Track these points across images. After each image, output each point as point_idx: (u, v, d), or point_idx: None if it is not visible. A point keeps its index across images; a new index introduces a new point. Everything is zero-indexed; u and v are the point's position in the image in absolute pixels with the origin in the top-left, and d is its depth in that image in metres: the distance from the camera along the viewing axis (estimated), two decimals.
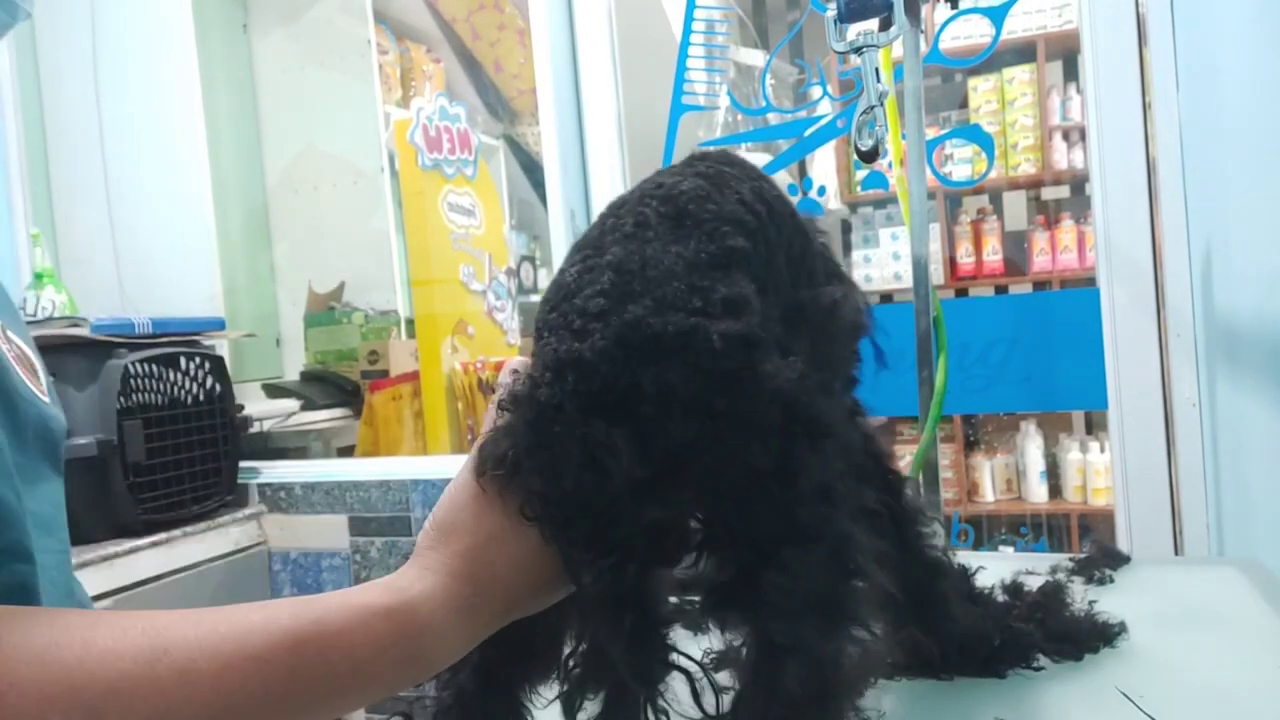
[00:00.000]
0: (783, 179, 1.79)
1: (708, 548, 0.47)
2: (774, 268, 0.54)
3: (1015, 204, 2.98)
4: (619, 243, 0.49)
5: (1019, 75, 2.70)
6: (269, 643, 0.40)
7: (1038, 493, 2.75)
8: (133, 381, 1.69)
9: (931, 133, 1.82)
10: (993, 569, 0.85)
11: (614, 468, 0.43)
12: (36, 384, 0.63)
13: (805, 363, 0.47)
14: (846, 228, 3.00)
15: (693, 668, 0.47)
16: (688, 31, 1.72)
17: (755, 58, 2.29)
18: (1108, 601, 0.79)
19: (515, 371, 0.53)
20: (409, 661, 0.44)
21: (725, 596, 0.45)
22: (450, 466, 1.87)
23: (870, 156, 0.92)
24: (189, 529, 1.78)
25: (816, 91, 1.77)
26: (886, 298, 2.85)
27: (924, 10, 1.04)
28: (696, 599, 0.48)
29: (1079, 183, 2.79)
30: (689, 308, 0.45)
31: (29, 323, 1.81)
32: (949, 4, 1.10)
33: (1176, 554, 1.42)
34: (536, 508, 0.45)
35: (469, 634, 0.46)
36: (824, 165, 2.76)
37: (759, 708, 0.44)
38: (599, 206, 1.78)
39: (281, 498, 1.98)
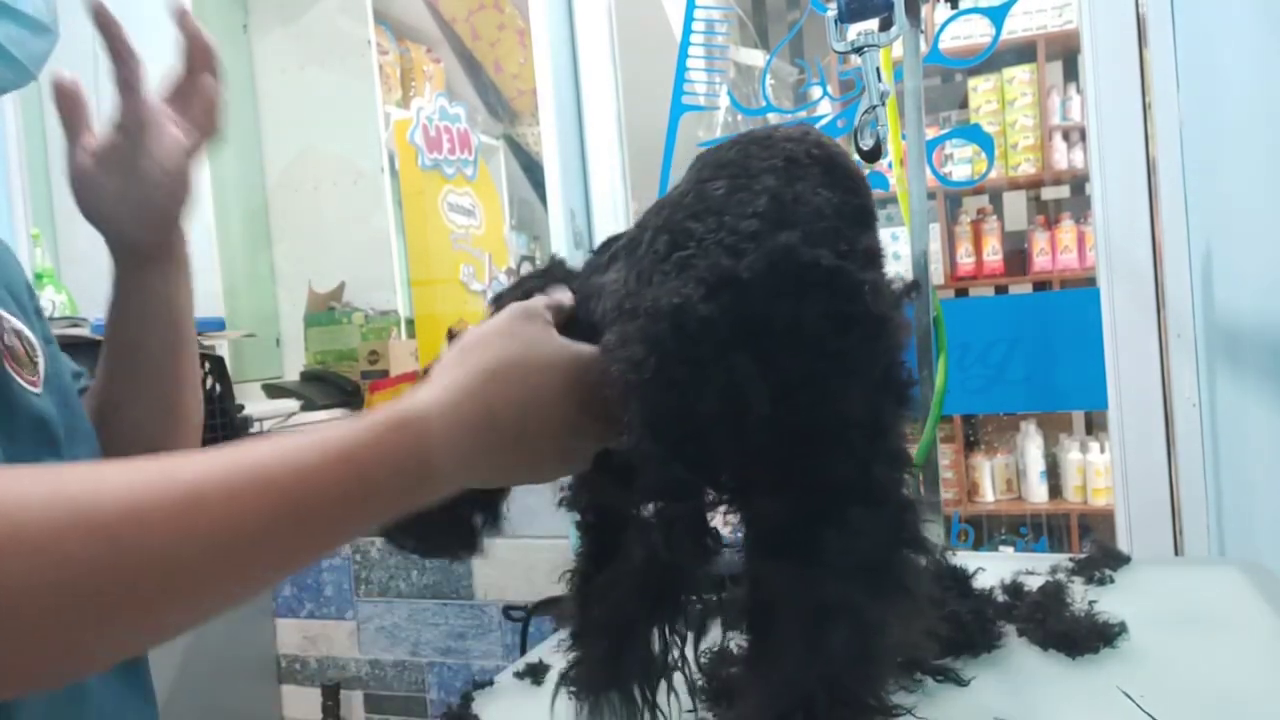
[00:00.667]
0: None
1: (767, 494, 0.47)
2: None
3: (1015, 204, 2.97)
4: (771, 172, 0.49)
5: (1019, 75, 2.69)
6: (279, 469, 0.40)
7: (1038, 493, 2.75)
8: None
9: (931, 133, 1.82)
10: (993, 569, 0.85)
11: (753, 399, 0.43)
12: (27, 375, 0.62)
13: None
14: None
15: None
16: (688, 31, 1.72)
17: (755, 58, 2.29)
18: (1108, 601, 0.79)
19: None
20: (416, 475, 0.44)
21: (777, 547, 0.45)
22: None
23: (872, 156, 0.92)
24: None
25: (816, 91, 1.78)
26: None
27: (924, 10, 1.04)
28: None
29: (1079, 183, 2.79)
30: (836, 249, 0.45)
31: None
32: (949, 4, 1.10)
33: (1176, 554, 1.42)
34: (658, 417, 0.44)
35: (475, 454, 0.47)
36: None
37: (798, 662, 0.44)
38: (599, 206, 1.79)
39: None
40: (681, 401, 0.44)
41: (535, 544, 1.76)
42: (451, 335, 0.56)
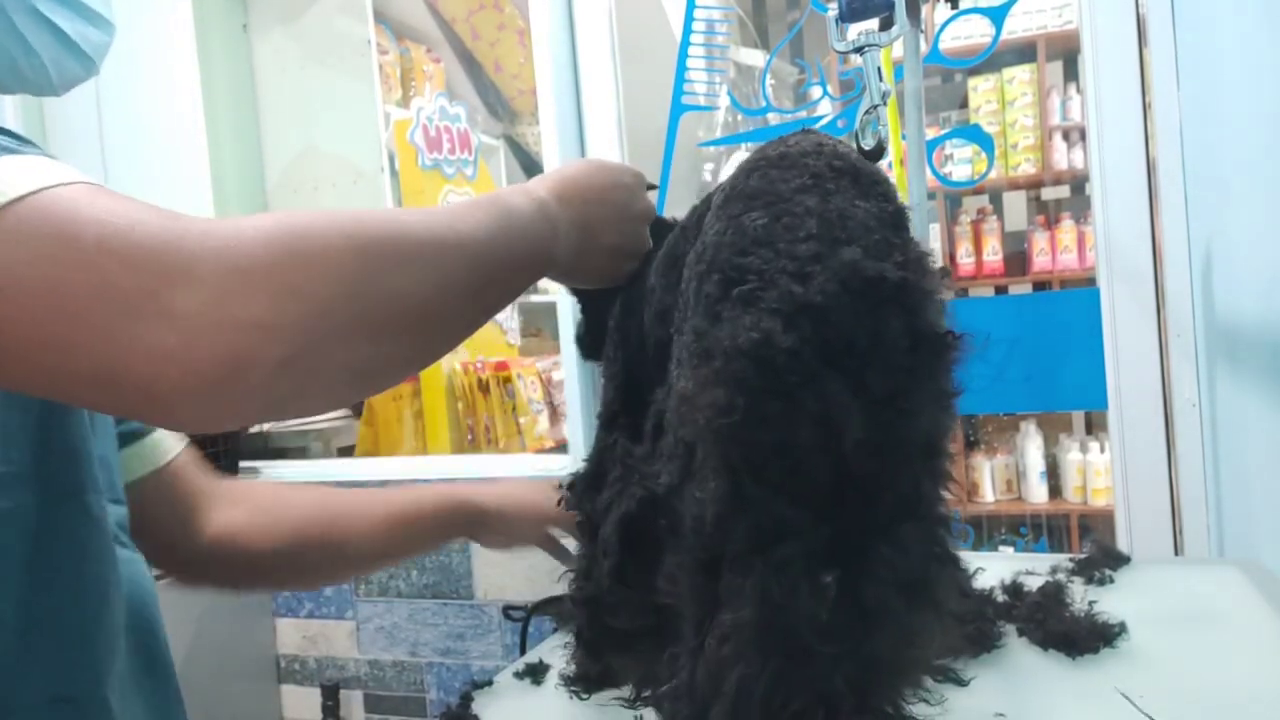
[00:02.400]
0: None
1: (835, 509, 0.45)
2: None
3: (1015, 204, 2.98)
4: (803, 192, 0.47)
5: (1019, 75, 2.69)
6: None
7: (1038, 493, 2.75)
8: None
9: (931, 133, 1.82)
10: (993, 569, 0.85)
11: (848, 422, 0.42)
12: None
13: None
14: None
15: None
16: (688, 31, 1.72)
17: (755, 58, 2.29)
18: (1108, 601, 0.79)
19: None
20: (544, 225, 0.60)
21: (828, 559, 0.44)
22: (450, 467, 1.88)
23: (874, 156, 0.92)
24: None
25: (816, 91, 1.78)
26: None
27: (924, 10, 1.04)
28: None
29: (1079, 183, 2.79)
30: (894, 260, 0.44)
31: None
32: (949, 4, 1.10)
33: (1176, 554, 1.42)
34: (756, 458, 0.43)
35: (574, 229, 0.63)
36: None
37: (827, 663, 0.43)
38: None
39: None
40: (778, 437, 0.42)
41: None
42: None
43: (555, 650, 0.81)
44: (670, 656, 0.49)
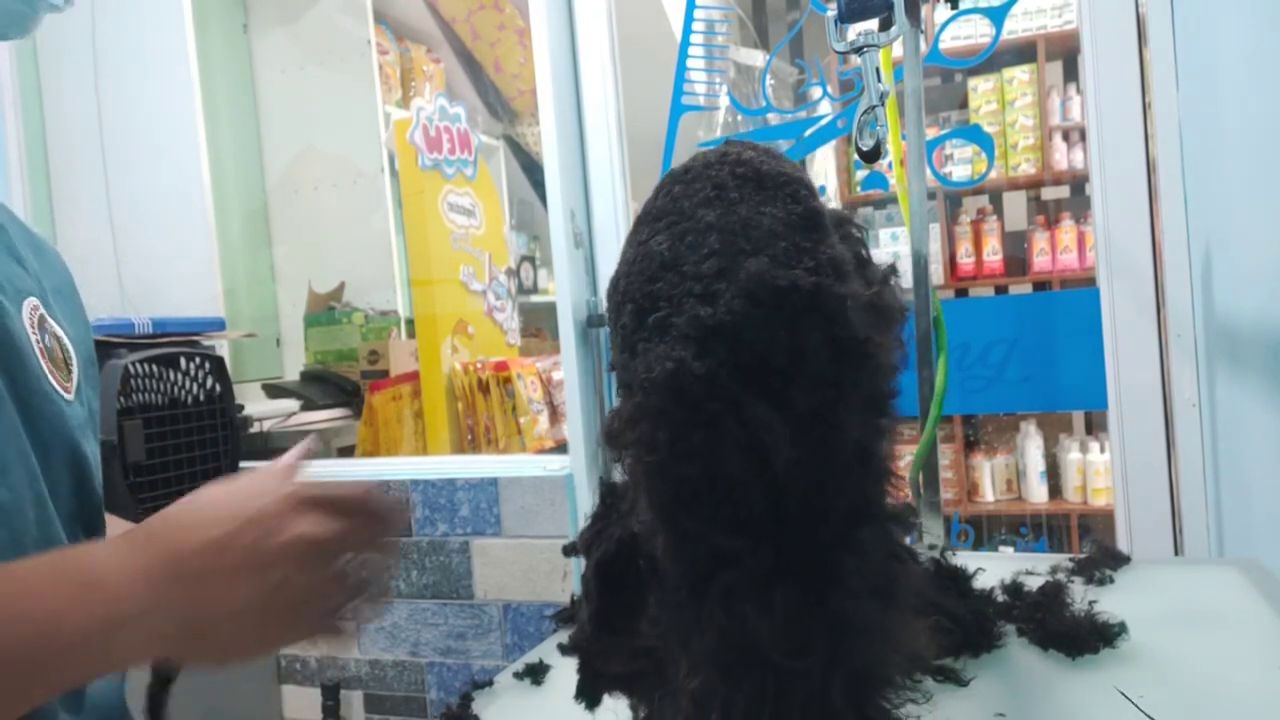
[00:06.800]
0: None
1: (784, 529, 0.44)
2: None
3: (1015, 204, 2.98)
4: (705, 205, 0.46)
5: (1019, 75, 2.70)
6: None
7: (1038, 493, 2.76)
8: (133, 381, 1.69)
9: (931, 133, 1.82)
10: (993, 569, 0.85)
11: (775, 449, 0.40)
12: (62, 380, 0.62)
13: None
14: None
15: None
16: (688, 31, 1.72)
17: (755, 58, 2.29)
18: (1108, 601, 0.79)
19: None
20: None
21: (794, 577, 0.43)
22: (450, 466, 1.88)
23: (871, 156, 0.92)
24: None
25: (816, 92, 1.77)
26: None
27: (924, 10, 1.03)
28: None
29: (1079, 183, 2.79)
30: (805, 266, 0.43)
31: None
32: (949, 4, 1.10)
33: (1176, 554, 1.42)
34: (687, 492, 0.42)
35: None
36: (824, 165, 2.76)
37: (820, 679, 0.42)
38: (599, 206, 1.78)
39: None
40: (706, 468, 0.41)
41: (535, 544, 1.76)
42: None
43: (555, 650, 0.81)
44: (660, 698, 0.49)
